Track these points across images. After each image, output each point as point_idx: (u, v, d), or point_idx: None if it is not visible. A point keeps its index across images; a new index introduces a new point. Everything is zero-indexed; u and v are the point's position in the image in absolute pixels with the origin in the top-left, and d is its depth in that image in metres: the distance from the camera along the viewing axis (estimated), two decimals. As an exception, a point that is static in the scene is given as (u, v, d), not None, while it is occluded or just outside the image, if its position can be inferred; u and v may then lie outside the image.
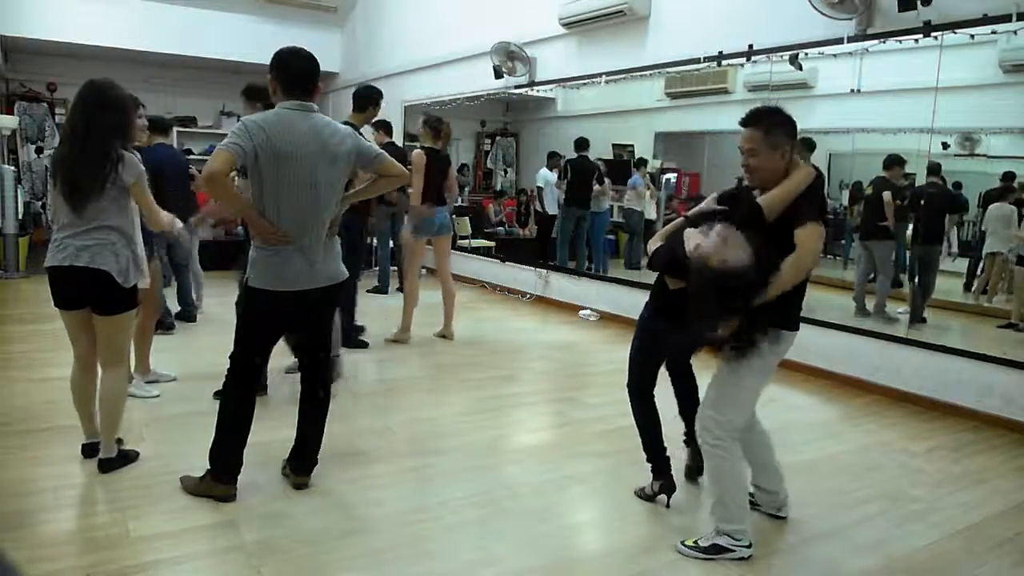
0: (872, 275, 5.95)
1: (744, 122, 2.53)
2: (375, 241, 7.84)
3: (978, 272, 6.13)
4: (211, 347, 4.56)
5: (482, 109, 10.20)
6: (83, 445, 3.17)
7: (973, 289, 6.20)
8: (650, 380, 3.00)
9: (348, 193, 2.98)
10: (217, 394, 3.95)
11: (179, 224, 3.45)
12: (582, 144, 7.88)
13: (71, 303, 2.99)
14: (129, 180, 2.91)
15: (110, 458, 3.07)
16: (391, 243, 7.62)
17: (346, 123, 4.23)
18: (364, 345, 5.46)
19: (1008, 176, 5.76)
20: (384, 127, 7.07)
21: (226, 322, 4.03)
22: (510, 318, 6.99)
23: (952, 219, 6.17)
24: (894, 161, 5.74)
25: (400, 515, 2.82)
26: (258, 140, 2.61)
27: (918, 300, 5.57)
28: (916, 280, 5.72)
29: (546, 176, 8.72)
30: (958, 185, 6.04)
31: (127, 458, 3.14)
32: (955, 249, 6.33)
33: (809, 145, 5.57)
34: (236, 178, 3.65)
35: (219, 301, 5.92)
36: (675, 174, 8.66)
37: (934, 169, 5.53)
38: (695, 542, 2.63)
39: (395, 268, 7.56)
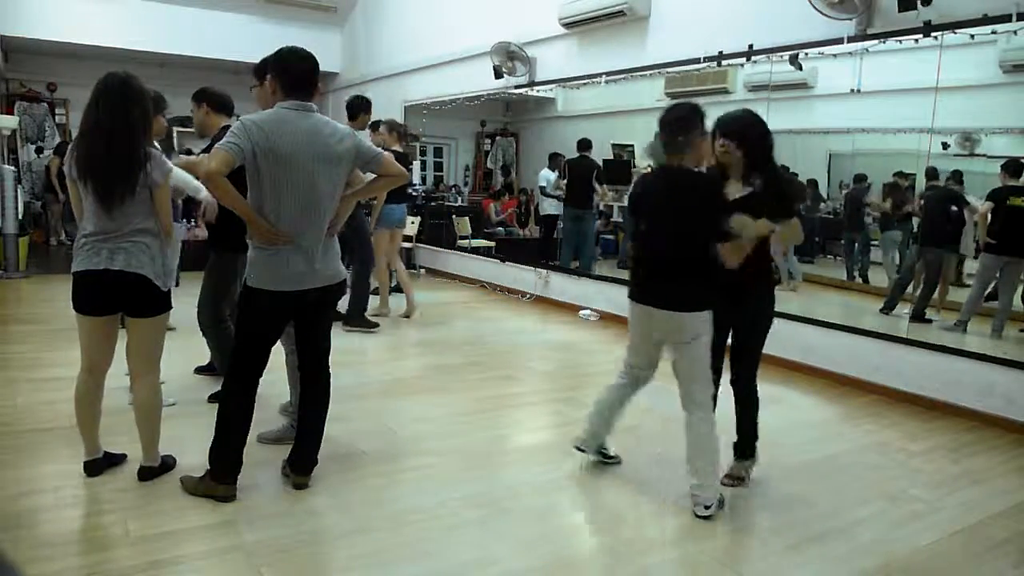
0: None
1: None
2: None
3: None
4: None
5: (482, 109, 10.22)
6: (86, 463, 2.98)
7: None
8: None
9: (347, 193, 2.97)
10: (212, 398, 3.99)
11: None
12: (584, 144, 7.89)
13: (99, 308, 2.81)
14: (159, 180, 2.76)
15: (152, 467, 2.98)
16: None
17: None
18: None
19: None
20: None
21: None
22: (510, 318, 6.99)
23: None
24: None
25: (400, 515, 2.82)
26: (257, 140, 2.61)
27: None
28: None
29: (548, 176, 8.72)
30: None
31: (167, 466, 3.05)
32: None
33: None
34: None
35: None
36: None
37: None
38: (706, 506, 2.86)
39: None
